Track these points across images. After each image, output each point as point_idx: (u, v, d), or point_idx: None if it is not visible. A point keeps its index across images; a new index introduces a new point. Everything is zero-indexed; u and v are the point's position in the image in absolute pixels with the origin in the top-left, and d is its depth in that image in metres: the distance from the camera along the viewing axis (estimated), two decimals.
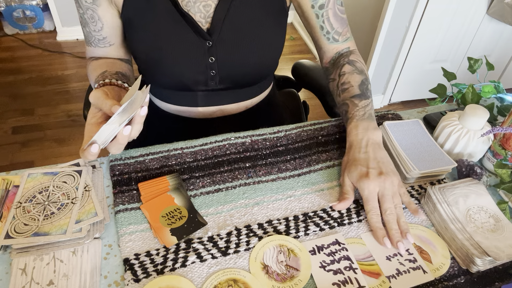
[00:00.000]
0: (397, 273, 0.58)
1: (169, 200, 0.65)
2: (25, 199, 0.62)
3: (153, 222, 0.62)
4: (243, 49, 0.78)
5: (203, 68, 0.79)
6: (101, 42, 0.80)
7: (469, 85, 0.85)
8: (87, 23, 0.78)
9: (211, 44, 0.76)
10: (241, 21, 0.76)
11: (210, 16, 0.75)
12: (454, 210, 0.64)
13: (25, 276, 0.54)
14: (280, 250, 0.59)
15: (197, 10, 0.74)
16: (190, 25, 0.74)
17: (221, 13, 0.74)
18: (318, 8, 0.80)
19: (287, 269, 0.57)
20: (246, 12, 0.76)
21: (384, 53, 2.05)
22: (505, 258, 0.57)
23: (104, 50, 0.82)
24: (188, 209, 0.64)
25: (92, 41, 0.81)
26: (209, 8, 0.74)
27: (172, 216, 0.63)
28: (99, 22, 0.77)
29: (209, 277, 0.56)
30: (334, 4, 0.80)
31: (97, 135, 0.55)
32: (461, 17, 1.99)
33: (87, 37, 0.81)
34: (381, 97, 2.31)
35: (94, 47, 0.81)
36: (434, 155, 0.73)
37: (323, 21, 0.81)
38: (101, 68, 0.77)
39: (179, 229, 0.61)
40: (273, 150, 0.76)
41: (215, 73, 0.80)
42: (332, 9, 0.81)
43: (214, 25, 0.75)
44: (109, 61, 0.81)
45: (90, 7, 0.75)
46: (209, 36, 0.75)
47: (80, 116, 2.12)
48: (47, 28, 2.80)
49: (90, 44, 0.81)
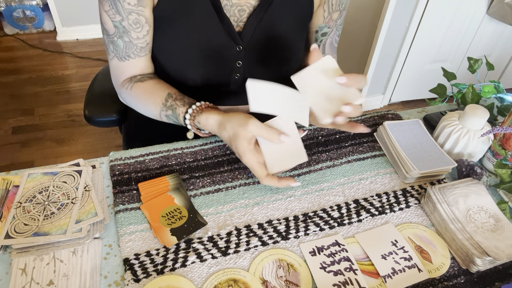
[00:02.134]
0: (393, 273, 0.58)
1: (169, 200, 0.65)
2: (25, 199, 0.62)
3: (153, 222, 0.62)
4: (270, 56, 0.79)
5: (228, 70, 0.79)
6: (142, 51, 0.74)
7: (469, 85, 0.85)
8: (126, 32, 0.70)
9: (241, 48, 0.76)
10: (272, 29, 0.76)
11: (243, 20, 0.74)
12: (454, 210, 0.64)
13: (25, 276, 0.54)
14: (279, 264, 0.58)
15: (232, 14, 0.73)
16: (225, 27, 0.73)
17: (254, 21, 0.74)
18: (320, 34, 0.84)
19: (286, 284, 0.56)
20: (277, 20, 0.76)
21: (384, 53, 2.05)
22: (505, 258, 0.57)
23: (143, 60, 0.76)
24: (188, 209, 0.64)
25: (131, 52, 0.73)
26: (243, 13, 0.74)
27: (172, 216, 0.63)
28: (145, 25, 0.71)
29: (209, 277, 0.56)
30: (334, 35, 0.86)
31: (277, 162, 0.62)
32: (461, 17, 1.99)
33: (124, 49, 0.73)
34: (381, 97, 2.31)
35: (133, 58, 0.74)
36: (434, 155, 0.73)
37: (319, 45, 0.86)
38: (161, 91, 0.73)
39: (179, 229, 0.61)
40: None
41: (239, 77, 0.80)
42: (331, 38, 0.85)
43: (247, 30, 0.74)
44: (158, 82, 0.76)
45: (135, 10, 0.68)
46: (240, 40, 0.75)
47: (80, 116, 2.12)
48: (47, 28, 2.79)
49: (128, 57, 0.74)
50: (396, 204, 0.68)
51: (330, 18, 0.81)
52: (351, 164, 0.75)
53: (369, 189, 0.71)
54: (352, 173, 0.73)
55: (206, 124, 0.66)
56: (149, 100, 0.74)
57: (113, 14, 0.68)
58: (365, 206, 0.67)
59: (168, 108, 0.71)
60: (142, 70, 0.78)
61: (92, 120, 0.92)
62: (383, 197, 0.69)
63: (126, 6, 0.67)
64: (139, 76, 0.77)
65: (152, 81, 0.76)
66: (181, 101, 0.70)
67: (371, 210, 0.67)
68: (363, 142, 0.80)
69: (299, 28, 0.80)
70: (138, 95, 0.75)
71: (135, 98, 0.76)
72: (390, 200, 0.69)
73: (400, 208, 0.68)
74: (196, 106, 0.68)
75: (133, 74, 0.77)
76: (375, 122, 0.85)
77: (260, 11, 0.74)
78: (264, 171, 0.61)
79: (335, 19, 0.82)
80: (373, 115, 0.87)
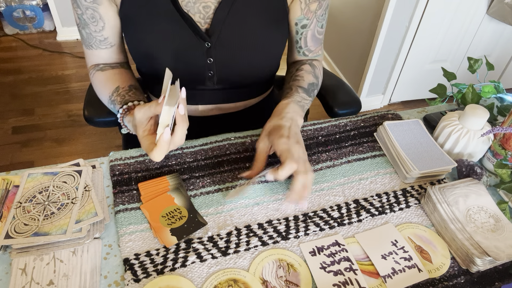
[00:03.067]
0: (393, 273, 0.58)
1: (169, 200, 0.65)
2: (25, 199, 0.62)
3: (153, 222, 0.62)
4: (242, 51, 0.78)
5: (201, 68, 0.79)
6: (102, 43, 0.79)
7: (469, 85, 0.85)
8: (86, 24, 0.76)
9: (210, 45, 0.76)
10: (241, 23, 0.76)
11: (210, 17, 0.74)
12: (454, 210, 0.64)
13: (25, 276, 0.54)
14: (279, 264, 0.58)
15: (197, 11, 0.74)
16: (189, 25, 0.74)
17: (221, 15, 0.74)
18: (300, 27, 0.84)
19: (286, 284, 0.56)
20: (246, 15, 0.75)
21: (384, 53, 2.05)
22: (505, 258, 0.57)
23: (105, 52, 0.81)
24: (188, 209, 0.64)
25: (92, 43, 0.79)
26: (208, 10, 0.74)
27: (172, 216, 0.63)
28: (100, 21, 0.76)
29: (209, 277, 0.56)
30: (315, 27, 0.84)
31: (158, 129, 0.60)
32: (461, 17, 1.99)
33: (87, 39, 0.79)
34: (381, 97, 2.31)
35: (95, 49, 0.80)
36: (434, 155, 0.73)
37: (300, 38, 0.86)
38: (112, 83, 0.76)
39: (179, 229, 0.61)
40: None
41: (213, 74, 0.80)
42: (312, 30, 0.84)
43: (214, 26, 0.74)
44: (115, 73, 0.79)
45: (90, 6, 0.73)
46: (208, 37, 0.75)
47: (80, 116, 2.12)
48: (47, 28, 2.79)
49: (91, 46, 0.80)
50: (396, 204, 0.68)
51: (308, 10, 0.81)
52: (351, 164, 0.75)
53: (369, 189, 0.71)
54: (352, 173, 0.73)
55: (129, 125, 0.70)
56: (102, 91, 0.78)
57: (76, 7, 0.75)
58: (365, 206, 0.67)
59: (112, 102, 0.75)
60: (106, 61, 0.82)
61: (91, 120, 0.93)
62: (383, 197, 0.69)
63: (83, 2, 0.73)
64: (102, 65, 0.82)
65: (111, 71, 0.80)
66: (122, 97, 0.74)
67: (371, 210, 0.67)
68: (363, 142, 0.80)
69: (272, 21, 0.79)
70: (95, 84, 0.81)
71: (94, 86, 0.82)
72: (390, 200, 0.69)
73: (400, 208, 0.68)
74: (128, 106, 0.71)
75: (98, 62, 0.83)
76: (375, 122, 0.85)
77: (225, 6, 0.73)
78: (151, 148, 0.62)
79: (314, 10, 0.81)
80: (373, 115, 0.87)
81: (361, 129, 0.83)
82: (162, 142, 0.60)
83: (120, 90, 0.75)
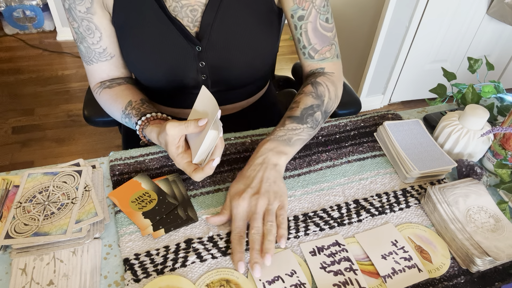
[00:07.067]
0: (393, 273, 0.58)
1: (136, 185, 0.66)
2: (25, 199, 0.62)
3: (124, 208, 0.63)
4: (233, 53, 0.77)
5: (194, 72, 0.78)
6: (102, 56, 0.77)
7: (469, 85, 0.85)
8: (83, 38, 0.75)
9: (201, 49, 0.75)
10: (230, 25, 0.75)
11: (198, 20, 0.74)
12: (454, 210, 0.64)
13: (25, 276, 0.54)
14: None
15: (184, 15, 0.73)
16: (179, 30, 0.73)
17: (209, 18, 0.73)
18: (297, 19, 0.77)
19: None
20: (234, 16, 0.74)
21: (384, 53, 2.05)
22: (505, 258, 0.57)
23: (107, 64, 0.79)
24: (157, 192, 0.65)
25: (92, 57, 0.77)
26: (196, 13, 0.73)
27: (142, 200, 0.64)
28: (96, 32, 0.74)
29: (202, 275, 0.56)
30: (316, 18, 0.76)
31: (201, 151, 0.61)
32: (461, 17, 1.99)
33: (86, 54, 0.77)
34: (381, 97, 2.31)
35: (95, 63, 0.78)
36: (434, 155, 0.73)
37: (301, 33, 0.78)
38: (123, 98, 0.75)
39: (151, 211, 0.63)
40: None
41: (206, 77, 0.79)
42: (313, 23, 0.76)
43: (203, 29, 0.74)
44: (123, 88, 0.78)
45: (85, 17, 0.72)
46: (198, 41, 0.74)
47: (80, 116, 2.12)
48: (47, 28, 2.79)
49: (91, 61, 0.78)
50: (396, 204, 0.68)
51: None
52: (351, 164, 0.75)
53: (369, 189, 0.71)
54: (352, 173, 0.73)
55: (150, 136, 0.69)
56: (113, 106, 0.77)
57: (72, 21, 0.74)
58: (365, 206, 0.67)
59: (126, 116, 0.75)
60: (109, 74, 0.81)
61: (91, 120, 0.93)
62: (383, 197, 0.69)
63: (78, 14, 0.72)
64: (108, 82, 0.80)
65: (119, 88, 0.79)
66: (137, 110, 0.73)
67: (371, 210, 0.67)
68: (363, 142, 0.80)
69: (262, 20, 0.77)
70: (103, 100, 0.79)
71: (103, 103, 0.81)
72: (390, 200, 0.69)
73: (400, 208, 0.68)
74: (146, 117, 0.70)
75: (102, 78, 0.81)
76: (375, 122, 0.85)
77: (212, 8, 0.72)
78: (192, 168, 0.62)
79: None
80: (373, 115, 0.87)
81: (361, 129, 0.83)
82: (209, 170, 0.61)
83: (133, 103, 0.74)
